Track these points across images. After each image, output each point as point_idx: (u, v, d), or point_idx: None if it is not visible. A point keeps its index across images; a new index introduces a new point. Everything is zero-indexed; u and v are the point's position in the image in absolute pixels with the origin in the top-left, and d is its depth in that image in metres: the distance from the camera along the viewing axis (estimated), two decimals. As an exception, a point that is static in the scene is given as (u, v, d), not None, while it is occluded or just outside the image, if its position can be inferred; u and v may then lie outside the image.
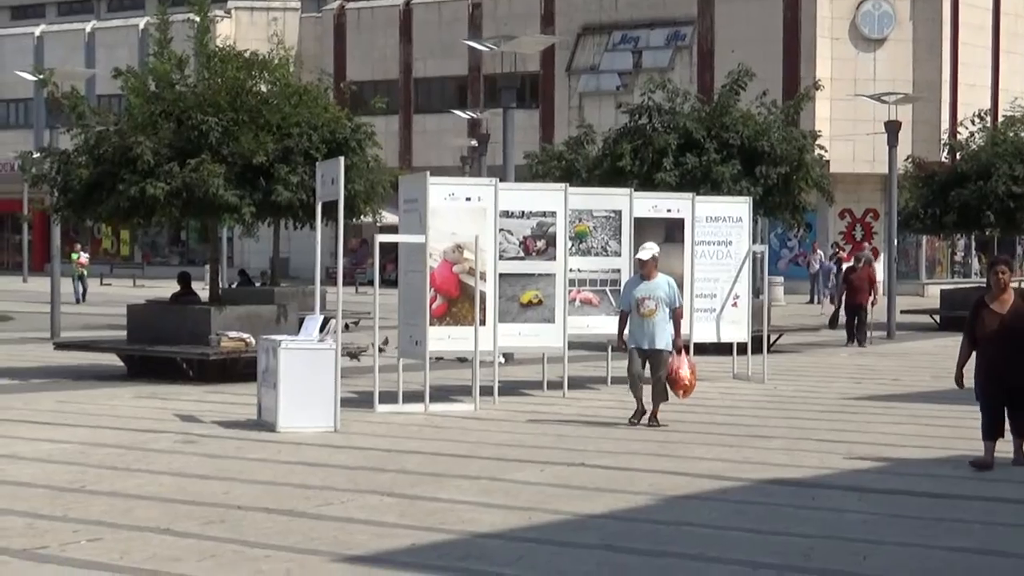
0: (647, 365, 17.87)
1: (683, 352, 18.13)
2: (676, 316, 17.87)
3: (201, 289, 29.15)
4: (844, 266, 41.93)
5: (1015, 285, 15.48)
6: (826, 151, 36.44)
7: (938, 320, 39.92)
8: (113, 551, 10.34)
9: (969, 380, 15.01)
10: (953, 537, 11.16)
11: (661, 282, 17.82)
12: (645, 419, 17.71)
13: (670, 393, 17.83)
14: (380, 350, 20.42)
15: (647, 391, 17.75)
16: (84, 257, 52.41)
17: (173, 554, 10.25)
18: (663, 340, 17.63)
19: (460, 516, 11.80)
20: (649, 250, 18.01)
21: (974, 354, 14.89)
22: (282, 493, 12.86)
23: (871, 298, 32.72)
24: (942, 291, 44.17)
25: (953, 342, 33.99)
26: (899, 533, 11.27)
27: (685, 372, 17.82)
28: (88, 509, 11.98)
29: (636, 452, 15.50)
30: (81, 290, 49.74)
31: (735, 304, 24.16)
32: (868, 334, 32.96)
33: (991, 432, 14.50)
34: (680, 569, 9.99)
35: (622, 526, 11.54)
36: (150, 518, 11.58)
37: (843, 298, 33.65)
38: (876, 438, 17.03)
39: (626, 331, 18.00)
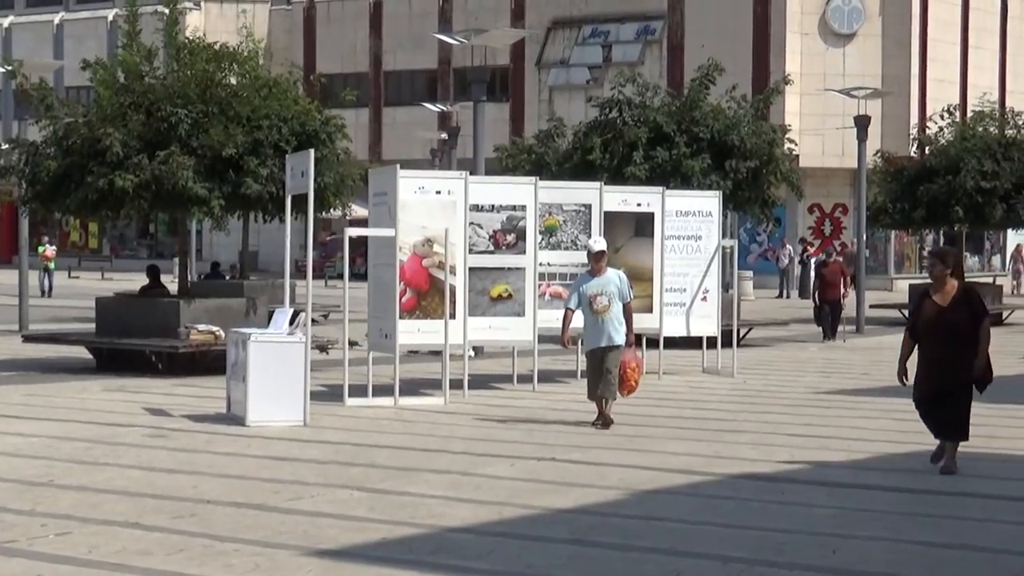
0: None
1: (633, 348, 17.62)
2: (628, 311, 17.26)
3: (170, 282, 29.07)
4: (813, 261, 42.13)
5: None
6: (796, 145, 36.56)
7: (906, 315, 39.98)
8: (81, 545, 10.29)
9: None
10: (922, 531, 11.18)
11: (612, 276, 17.29)
12: (599, 421, 17.09)
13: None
14: (353, 344, 20.41)
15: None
16: (51, 250, 52.17)
17: (142, 548, 10.21)
18: (619, 336, 17.02)
19: (430, 510, 11.79)
20: (601, 242, 17.63)
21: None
22: (251, 487, 12.83)
23: (843, 291, 32.83)
24: (910, 286, 44.30)
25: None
26: (869, 527, 11.28)
27: (632, 370, 17.34)
28: (56, 503, 11.93)
29: (606, 447, 15.51)
30: (48, 283, 49.52)
31: (704, 298, 24.18)
32: (841, 328, 33.02)
33: (937, 432, 14.06)
34: (651, 563, 9.99)
35: (592, 520, 11.53)
36: (119, 512, 11.54)
37: (816, 292, 33.71)
38: (845, 432, 17.08)
39: (571, 330, 17.57)
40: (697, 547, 10.50)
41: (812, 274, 40.87)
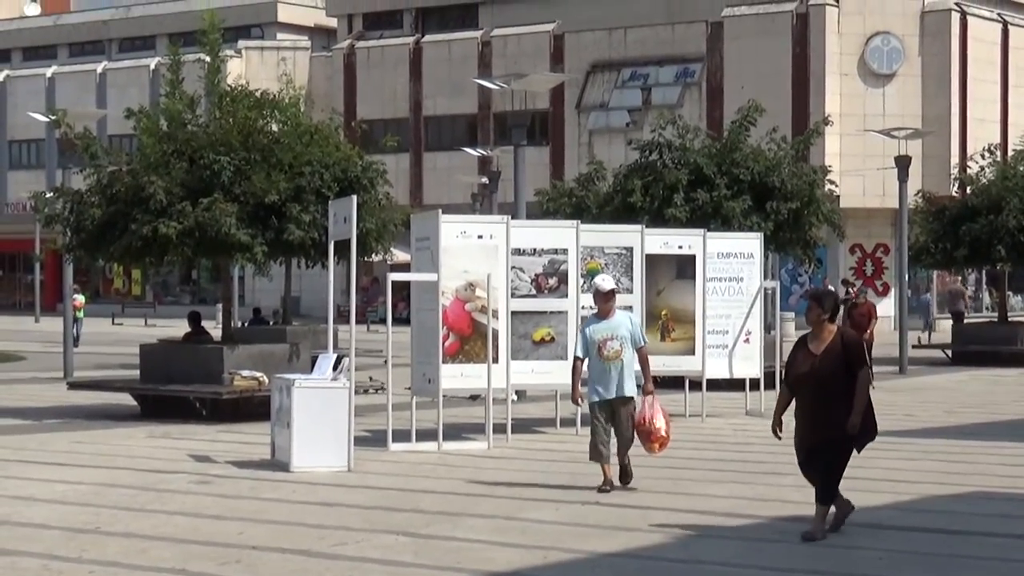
0: (609, 421, 15.40)
1: (655, 398, 15.54)
2: (643, 356, 15.51)
3: (213, 328, 29.16)
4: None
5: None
6: (836, 186, 36.48)
7: (950, 355, 39.85)
8: (129, 592, 10.34)
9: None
10: (968, 574, 11.12)
11: (622, 319, 15.63)
12: (617, 481, 15.34)
13: (643, 448, 15.54)
14: (379, 388, 20.44)
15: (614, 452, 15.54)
16: (79, 299, 52.33)
17: (189, 595, 10.25)
18: (631, 386, 15.29)
19: (475, 555, 11.79)
20: (610, 281, 15.84)
21: None
22: (297, 533, 12.85)
23: (869, 331, 32.00)
24: (953, 327, 44.11)
25: (967, 376, 34.13)
26: (914, 570, 11.24)
27: (660, 423, 15.35)
28: (103, 550, 11.98)
29: (650, 489, 15.45)
30: (76, 331, 49.60)
31: (747, 340, 24.14)
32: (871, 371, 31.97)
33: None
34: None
35: (638, 564, 11.51)
36: (165, 559, 11.58)
37: None
38: (889, 474, 16.98)
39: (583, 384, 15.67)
40: (743, 590, 10.48)
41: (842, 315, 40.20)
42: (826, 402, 12.36)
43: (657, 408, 15.38)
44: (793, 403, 12.81)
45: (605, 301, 15.45)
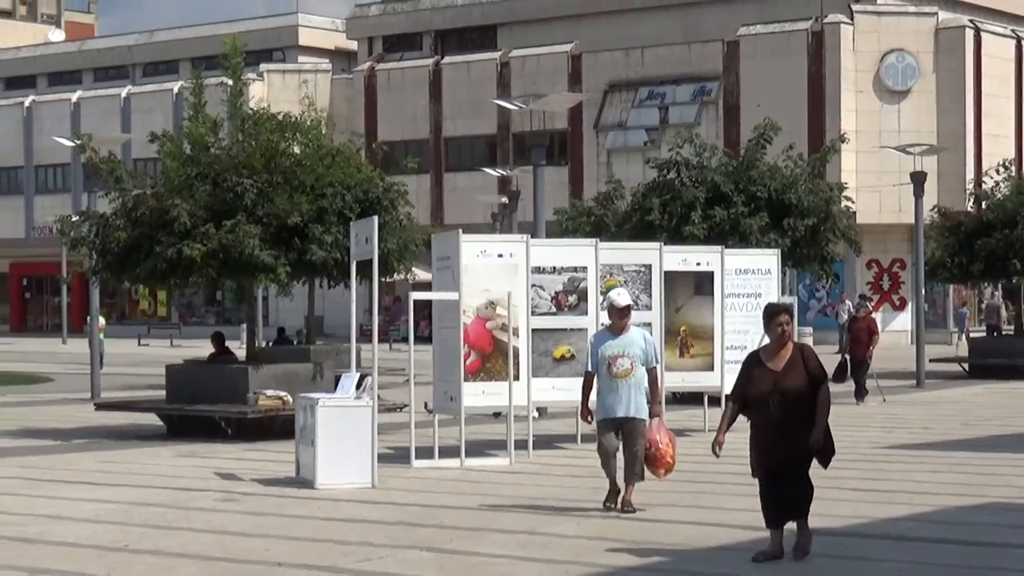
0: (619, 437, 14.81)
1: (661, 421, 14.87)
2: (653, 377, 14.73)
3: (237, 348, 29.20)
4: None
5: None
6: (853, 202, 36.48)
7: (966, 368, 39.77)
8: (157, 609, 10.37)
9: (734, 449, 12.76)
10: (988, 584, 11.11)
11: (636, 336, 14.78)
12: (619, 502, 14.80)
13: (647, 473, 14.86)
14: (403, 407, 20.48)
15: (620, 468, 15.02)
16: (100, 322, 52.49)
17: (216, 611, 10.28)
18: (641, 406, 14.56)
19: (498, 570, 11.79)
20: (626, 296, 15.06)
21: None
22: (322, 549, 12.87)
23: (870, 350, 31.56)
24: (971, 339, 44.04)
25: (984, 390, 34.06)
26: (934, 581, 11.23)
27: (666, 447, 14.67)
28: (131, 568, 12.01)
29: (670, 504, 15.43)
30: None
31: (766, 355, 24.10)
32: (867, 390, 30.48)
33: (772, 519, 12.07)
34: (717, 620, 9.98)
35: (658, 578, 11.52)
36: (193, 576, 11.61)
37: (847, 350, 32.41)
38: (908, 486, 16.97)
39: (593, 398, 15.12)
40: (764, 603, 10.48)
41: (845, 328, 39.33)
42: (793, 420, 11.69)
43: (663, 431, 14.72)
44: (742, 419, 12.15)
45: (620, 317, 14.73)
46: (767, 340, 12.19)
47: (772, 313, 12.08)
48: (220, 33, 63.80)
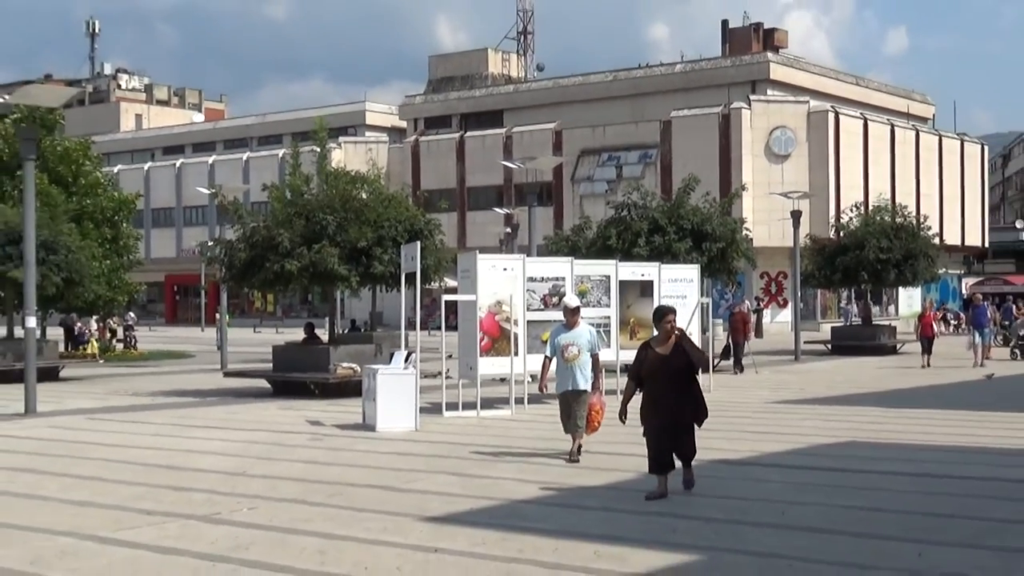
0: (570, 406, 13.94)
1: (600, 393, 13.99)
2: (596, 360, 13.82)
3: (322, 334, 29.15)
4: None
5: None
6: (751, 232, 36.40)
7: (829, 348, 39.73)
8: (265, 516, 10.30)
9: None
10: (848, 498, 11.03)
11: (583, 330, 13.94)
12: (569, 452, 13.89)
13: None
14: (436, 374, 20.41)
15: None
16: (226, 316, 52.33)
17: (306, 517, 10.21)
18: (585, 382, 13.72)
19: (504, 488, 11.72)
20: (575, 300, 14.43)
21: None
22: (380, 474, 12.80)
23: (748, 334, 31.06)
24: (832, 328, 43.99)
25: (842, 363, 33.95)
26: (808, 496, 11.14)
27: (596, 412, 13.84)
28: (248, 487, 11.95)
29: (622, 442, 15.30)
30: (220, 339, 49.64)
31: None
32: (743, 365, 30.13)
33: (660, 467, 11.20)
34: (655, 523, 9.89)
35: (615, 493, 11.43)
36: (290, 492, 11.54)
37: (729, 335, 32.30)
38: (789, 429, 16.91)
39: (551, 377, 14.23)
40: (687, 511, 10.39)
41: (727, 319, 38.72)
42: (678, 392, 11.09)
43: (596, 400, 13.82)
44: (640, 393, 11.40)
45: (571, 315, 13.96)
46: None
47: (662, 314, 11.38)
48: (311, 116, 63.87)
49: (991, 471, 12.67)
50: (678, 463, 11.38)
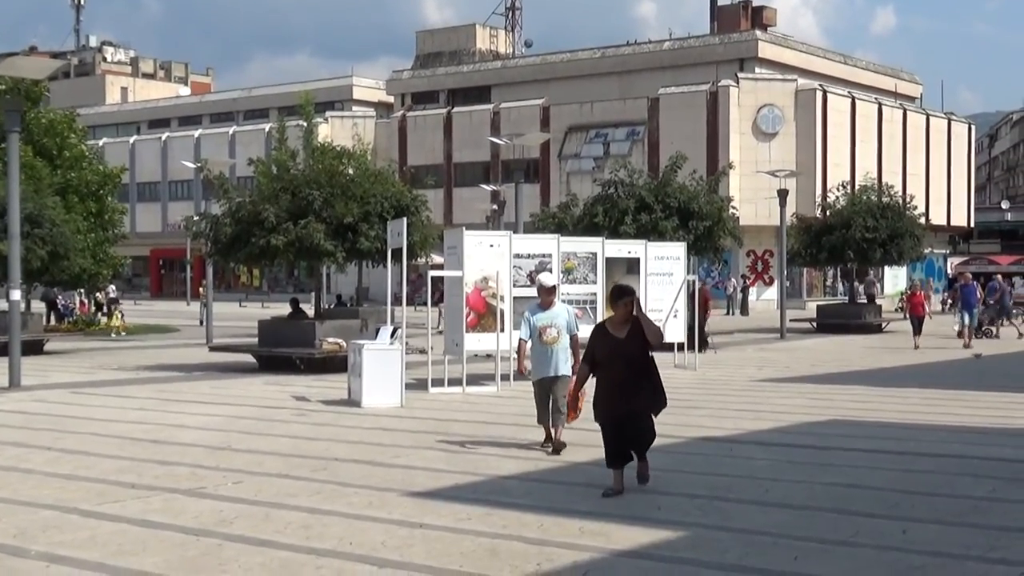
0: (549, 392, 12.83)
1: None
2: (575, 342, 12.73)
3: (308, 309, 29.12)
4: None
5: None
6: (737, 210, 36.47)
7: (815, 326, 39.84)
8: (250, 490, 10.31)
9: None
10: (829, 476, 11.08)
11: (560, 310, 12.94)
12: (551, 442, 12.78)
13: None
14: (422, 351, 20.41)
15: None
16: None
17: (291, 491, 10.22)
18: (565, 367, 12.63)
19: (488, 464, 11.74)
20: (552, 278, 13.50)
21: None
22: (365, 449, 12.82)
23: (707, 312, 30.73)
24: (818, 306, 44.09)
25: (827, 341, 34.07)
26: (791, 473, 11.19)
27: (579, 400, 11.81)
28: (232, 461, 11.95)
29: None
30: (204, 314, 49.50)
31: (675, 316, 24.10)
32: (708, 342, 29.24)
33: (616, 460, 10.26)
34: (640, 500, 9.92)
35: (598, 470, 11.43)
36: (275, 467, 11.55)
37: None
38: (773, 407, 16.95)
39: (527, 362, 13.33)
40: (671, 488, 10.42)
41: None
42: (635, 378, 10.17)
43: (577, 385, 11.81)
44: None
45: (547, 294, 12.98)
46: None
47: (620, 294, 10.37)
48: (298, 90, 63.64)
49: (974, 450, 12.74)
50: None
